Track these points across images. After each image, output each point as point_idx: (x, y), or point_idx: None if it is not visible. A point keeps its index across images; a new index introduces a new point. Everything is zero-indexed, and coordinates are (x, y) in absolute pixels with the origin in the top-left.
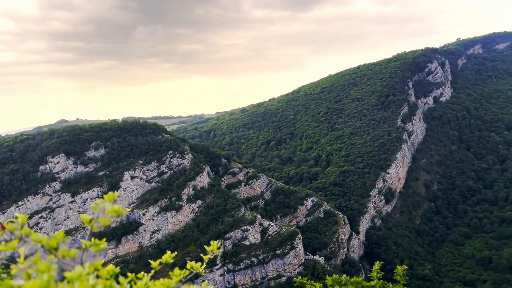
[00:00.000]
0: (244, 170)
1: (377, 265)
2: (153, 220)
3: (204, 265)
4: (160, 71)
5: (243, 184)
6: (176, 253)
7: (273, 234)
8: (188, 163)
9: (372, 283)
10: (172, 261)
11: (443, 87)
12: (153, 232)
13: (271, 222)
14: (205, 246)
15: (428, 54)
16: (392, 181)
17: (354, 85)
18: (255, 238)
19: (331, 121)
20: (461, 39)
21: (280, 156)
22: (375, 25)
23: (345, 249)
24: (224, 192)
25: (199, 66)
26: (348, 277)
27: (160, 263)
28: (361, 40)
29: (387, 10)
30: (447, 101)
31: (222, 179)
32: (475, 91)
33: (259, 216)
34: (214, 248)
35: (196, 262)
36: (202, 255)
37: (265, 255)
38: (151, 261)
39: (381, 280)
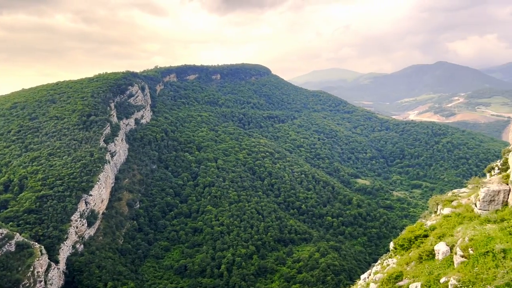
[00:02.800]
0: None
1: None
2: None
3: None
4: None
5: None
6: None
7: None
8: None
9: None
10: None
11: (143, 109)
12: None
13: None
14: None
15: (129, 78)
16: (95, 203)
17: (53, 102)
18: None
19: (25, 141)
20: (158, 67)
21: None
22: (76, 42)
23: (42, 282)
24: None
25: None
26: None
27: None
28: (61, 56)
29: (88, 29)
30: (148, 123)
31: None
32: (172, 115)
33: None
34: None
35: None
36: None
37: None
38: None
39: None
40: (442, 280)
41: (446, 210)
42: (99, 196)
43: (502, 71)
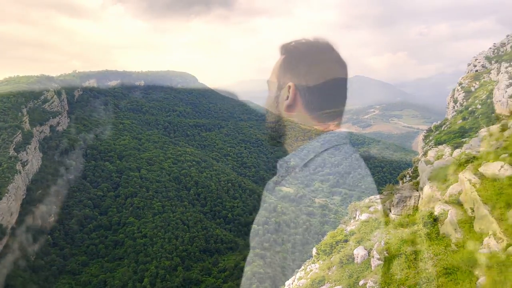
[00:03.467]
0: None
1: None
2: None
3: None
4: None
5: None
6: None
7: None
8: None
9: None
10: None
11: (60, 116)
12: None
13: None
14: None
15: (44, 82)
16: (3, 217)
17: None
18: None
19: None
20: (77, 71)
21: None
22: None
23: None
24: None
25: None
26: None
27: None
28: None
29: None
30: (64, 130)
31: None
32: (91, 122)
33: None
34: None
35: None
36: None
37: None
38: None
39: None
40: (360, 283)
41: (364, 216)
42: (7, 209)
43: (412, 86)
